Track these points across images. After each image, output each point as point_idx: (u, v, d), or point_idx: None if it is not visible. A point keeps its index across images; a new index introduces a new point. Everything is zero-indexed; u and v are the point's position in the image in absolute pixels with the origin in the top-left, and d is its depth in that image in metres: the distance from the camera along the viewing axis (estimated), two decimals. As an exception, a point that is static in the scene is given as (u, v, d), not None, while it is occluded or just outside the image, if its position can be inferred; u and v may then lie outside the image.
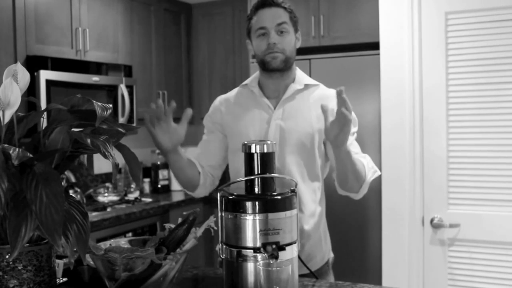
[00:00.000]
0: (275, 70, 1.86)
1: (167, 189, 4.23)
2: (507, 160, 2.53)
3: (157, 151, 4.25)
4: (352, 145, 1.87)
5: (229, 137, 1.97)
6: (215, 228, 1.40)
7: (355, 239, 3.13)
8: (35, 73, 3.00)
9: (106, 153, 1.13)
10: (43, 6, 3.13)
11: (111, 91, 3.48)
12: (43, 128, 1.25)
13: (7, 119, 1.15)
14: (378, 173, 1.87)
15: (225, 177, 2.05)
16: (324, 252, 1.96)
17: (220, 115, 1.99)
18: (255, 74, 2.00)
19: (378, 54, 2.85)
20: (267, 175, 1.38)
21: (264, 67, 1.87)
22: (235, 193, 1.37)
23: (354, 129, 1.91)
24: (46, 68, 3.05)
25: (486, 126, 2.57)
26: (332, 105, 1.88)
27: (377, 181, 2.81)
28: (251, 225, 1.31)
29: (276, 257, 1.26)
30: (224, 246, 1.36)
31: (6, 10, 2.92)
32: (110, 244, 1.35)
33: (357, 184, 1.81)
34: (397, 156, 2.75)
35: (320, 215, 1.94)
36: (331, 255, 2.03)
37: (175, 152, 1.86)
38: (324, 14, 3.28)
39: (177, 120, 1.79)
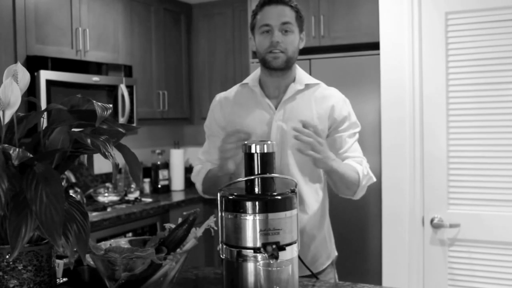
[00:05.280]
0: (276, 69, 1.86)
1: (167, 189, 4.23)
2: (507, 160, 2.53)
3: (157, 151, 4.25)
4: (351, 148, 1.88)
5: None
6: (215, 228, 1.40)
7: (355, 239, 3.13)
8: (35, 73, 3.00)
9: (106, 153, 1.13)
10: (43, 6, 3.13)
11: (111, 91, 3.48)
12: (43, 128, 1.25)
13: (7, 119, 1.15)
14: (373, 179, 1.92)
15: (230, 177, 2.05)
16: (329, 251, 1.97)
17: (222, 115, 1.97)
18: (255, 72, 1.99)
19: (378, 54, 2.85)
20: (267, 175, 1.38)
21: (265, 65, 1.87)
22: (235, 193, 1.37)
23: (355, 130, 1.92)
24: (46, 68, 3.05)
25: (486, 126, 2.57)
26: (332, 103, 1.90)
27: (377, 181, 2.80)
28: (251, 225, 1.31)
29: (276, 257, 1.26)
30: (224, 246, 1.36)
31: (6, 10, 2.92)
32: (110, 244, 1.35)
33: (350, 191, 1.88)
34: (397, 156, 2.75)
35: (324, 215, 1.95)
36: (335, 253, 2.04)
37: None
38: (324, 14, 3.28)
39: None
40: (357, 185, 1.85)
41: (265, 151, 1.39)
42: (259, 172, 1.38)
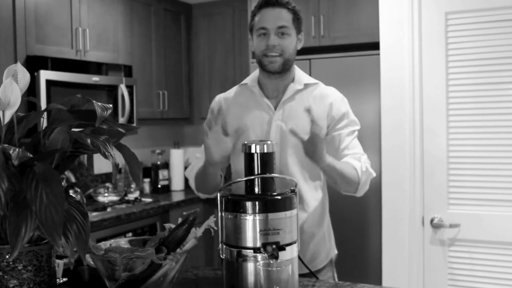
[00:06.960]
0: (273, 73, 1.86)
1: (167, 189, 4.22)
2: (507, 160, 2.53)
3: (157, 151, 4.25)
4: (351, 145, 1.88)
5: (231, 137, 1.96)
6: (215, 228, 1.40)
7: (356, 239, 3.13)
8: (35, 73, 2.99)
9: (106, 153, 1.13)
10: (43, 6, 3.13)
11: (111, 91, 3.48)
12: (43, 128, 1.25)
13: (7, 119, 1.15)
14: (373, 175, 1.91)
15: (225, 178, 2.05)
16: (328, 249, 1.97)
17: (222, 115, 1.97)
18: (254, 73, 2.00)
19: (378, 54, 2.85)
20: (267, 175, 1.38)
21: (262, 68, 1.88)
22: (235, 193, 1.37)
23: (354, 128, 1.92)
24: (46, 68, 3.05)
25: (486, 126, 2.57)
26: (330, 101, 1.90)
27: (377, 181, 2.81)
28: (251, 225, 1.31)
29: (276, 257, 1.27)
30: (224, 246, 1.36)
31: (6, 10, 2.92)
32: (110, 244, 1.35)
33: (351, 188, 1.87)
34: (397, 156, 2.75)
35: (323, 213, 1.96)
36: (335, 252, 2.04)
37: (217, 166, 1.81)
38: (324, 14, 3.28)
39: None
40: (357, 181, 1.85)
41: (265, 151, 1.39)
42: (259, 172, 1.38)
